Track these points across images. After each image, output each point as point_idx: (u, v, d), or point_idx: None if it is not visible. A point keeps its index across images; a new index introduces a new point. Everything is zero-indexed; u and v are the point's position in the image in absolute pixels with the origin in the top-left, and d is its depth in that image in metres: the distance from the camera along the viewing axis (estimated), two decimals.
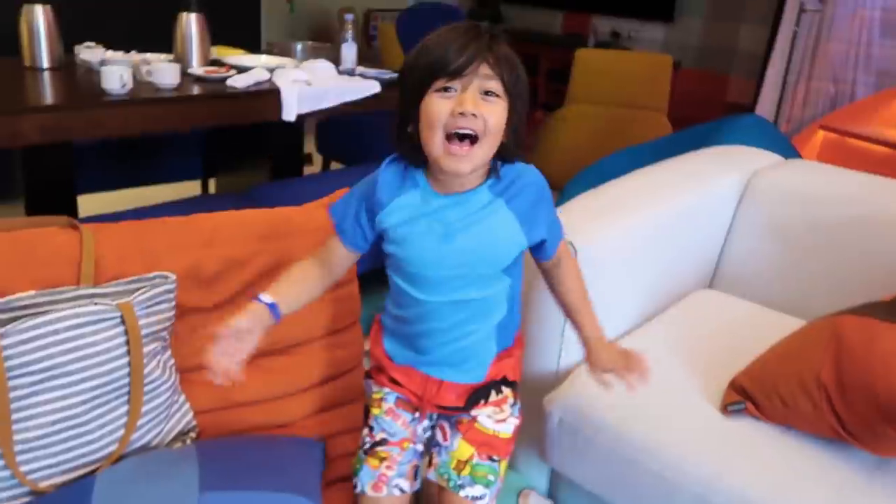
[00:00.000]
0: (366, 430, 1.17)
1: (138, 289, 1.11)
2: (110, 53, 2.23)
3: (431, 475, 1.15)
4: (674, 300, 1.64)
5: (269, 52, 2.67)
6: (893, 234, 1.53)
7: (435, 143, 0.95)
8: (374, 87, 2.37)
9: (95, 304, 1.04)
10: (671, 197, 1.59)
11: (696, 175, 1.71)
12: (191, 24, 2.25)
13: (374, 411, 1.17)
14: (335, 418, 1.33)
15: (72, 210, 2.18)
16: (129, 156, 2.67)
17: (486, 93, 0.95)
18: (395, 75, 2.55)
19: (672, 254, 1.60)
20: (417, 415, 1.16)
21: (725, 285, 1.74)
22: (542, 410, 1.35)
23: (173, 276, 1.15)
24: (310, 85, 2.23)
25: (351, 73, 2.50)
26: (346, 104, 2.33)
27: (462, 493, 1.10)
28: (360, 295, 1.41)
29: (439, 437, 1.16)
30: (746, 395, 1.22)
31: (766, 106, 4.04)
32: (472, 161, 0.96)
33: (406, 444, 1.15)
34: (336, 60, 2.54)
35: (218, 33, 2.50)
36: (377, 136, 3.12)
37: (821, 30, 3.84)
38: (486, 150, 0.97)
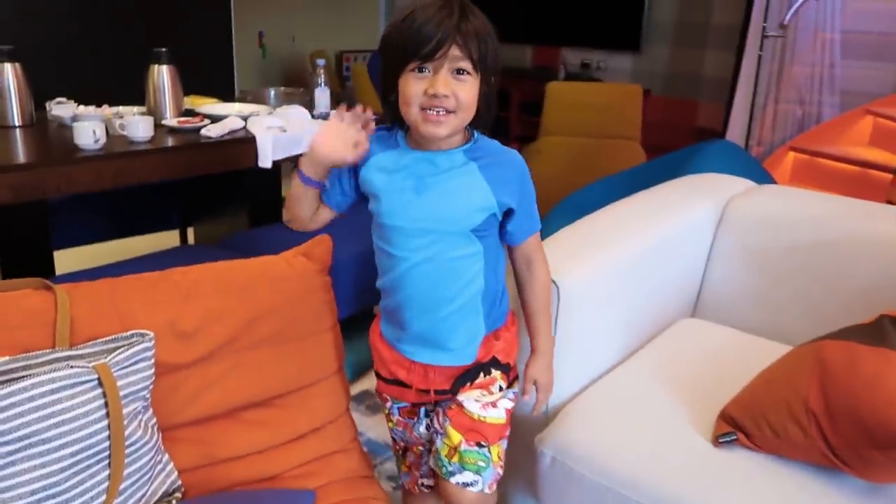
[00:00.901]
0: (392, 438, 1.35)
1: (116, 348, 1.09)
2: (82, 108, 2.22)
3: (431, 463, 1.21)
4: (658, 330, 1.64)
5: (243, 100, 2.68)
6: (866, 255, 1.55)
7: (412, 114, 1.05)
8: None
9: (71, 366, 1.02)
10: (648, 229, 1.60)
11: (671, 205, 1.73)
12: (163, 75, 2.25)
13: (389, 424, 1.33)
14: (324, 468, 1.31)
15: (48, 267, 2.16)
16: (105, 208, 2.65)
17: (458, 71, 1.03)
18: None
19: (653, 285, 1.61)
20: (416, 420, 1.27)
21: (708, 313, 1.74)
22: (534, 450, 1.33)
23: (151, 334, 1.13)
24: (284, 131, 2.23)
25: (325, 117, 2.51)
26: None
27: (453, 480, 1.15)
28: (343, 341, 1.41)
29: (436, 424, 1.22)
30: (737, 426, 1.21)
31: (736, 130, 4.10)
32: (448, 125, 1.05)
33: (418, 448, 1.31)
34: (310, 105, 2.55)
35: (191, 83, 2.51)
36: None
37: (784, 53, 3.92)
38: (460, 118, 1.06)
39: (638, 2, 4.81)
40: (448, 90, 1.02)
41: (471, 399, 1.17)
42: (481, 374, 1.19)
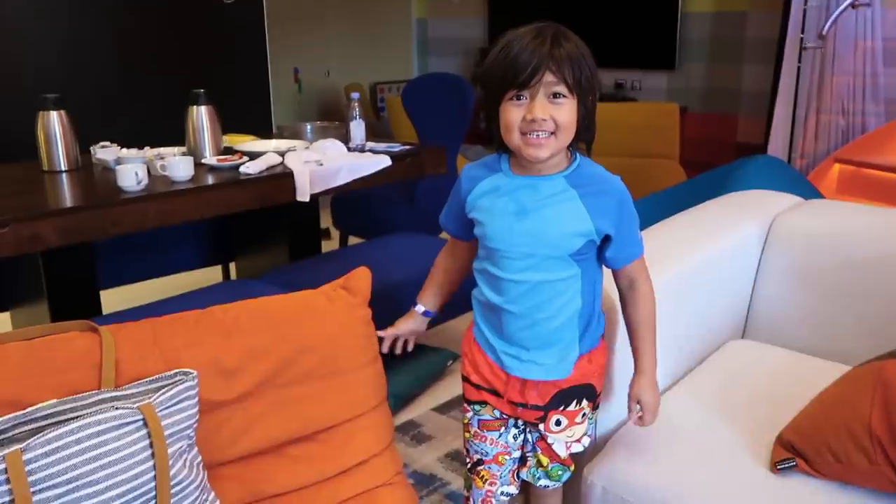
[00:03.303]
0: (465, 450, 1.37)
1: (160, 388, 1.09)
2: (125, 151, 2.27)
3: (524, 475, 1.35)
4: (707, 353, 1.60)
5: (280, 136, 2.71)
6: None
7: (514, 140, 1.11)
8: (384, 162, 2.39)
9: (116, 408, 1.02)
10: (694, 250, 1.56)
11: (716, 224, 1.68)
12: (201, 116, 2.29)
13: (466, 435, 1.36)
14: (370, 503, 1.29)
15: (95, 307, 2.19)
16: (149, 247, 2.70)
17: (555, 95, 1.07)
18: (405, 147, 2.59)
19: (701, 306, 1.57)
20: (503, 429, 1.30)
21: (758, 334, 1.69)
22: (584, 480, 1.30)
23: (194, 373, 1.13)
24: (321, 165, 2.25)
25: (361, 149, 2.53)
26: (357, 180, 2.35)
27: (540, 484, 1.35)
28: (385, 371, 1.40)
29: (528, 445, 1.33)
30: (796, 452, 1.16)
31: (777, 143, 4.02)
32: (549, 148, 1.09)
33: (501, 457, 1.33)
34: (345, 137, 2.57)
35: (230, 121, 2.56)
36: (390, 209, 3.14)
37: (824, 64, 3.84)
38: (560, 140, 1.10)
39: (671, 20, 4.79)
40: (546, 114, 1.07)
41: (560, 441, 1.27)
42: (574, 402, 1.24)
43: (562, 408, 1.24)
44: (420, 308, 1.40)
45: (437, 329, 2.46)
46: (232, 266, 3.06)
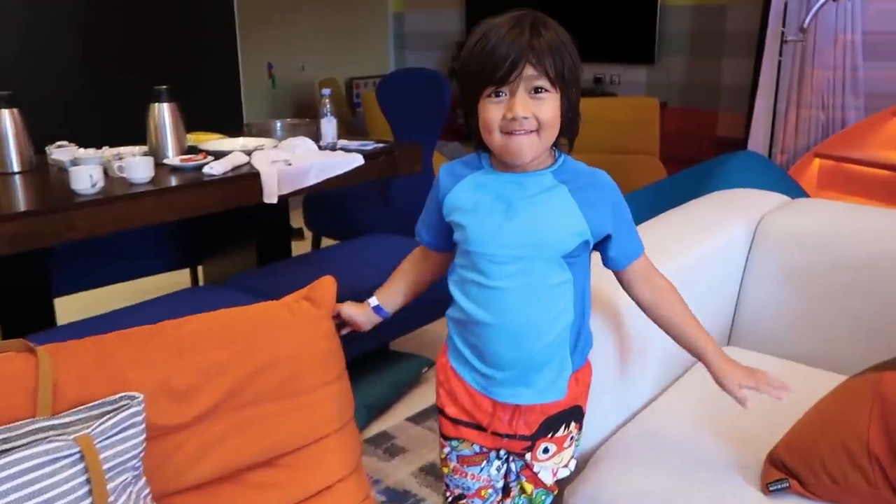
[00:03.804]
0: (444, 484, 1.27)
1: (102, 414, 1.00)
2: (82, 151, 2.16)
3: None
4: (692, 361, 1.52)
5: (248, 134, 2.61)
6: None
7: (494, 140, 1.02)
8: (356, 161, 2.30)
9: (51, 440, 0.93)
10: (679, 253, 1.49)
11: (701, 226, 1.61)
12: (163, 114, 2.19)
13: (444, 470, 1.25)
14: None
15: (48, 318, 2.08)
16: (112, 251, 2.58)
17: (536, 90, 0.99)
18: (378, 145, 2.49)
19: None
20: (485, 463, 1.20)
21: (745, 340, 1.62)
22: (564, 503, 1.22)
23: (141, 396, 1.03)
24: (289, 165, 2.16)
25: (332, 147, 2.43)
26: (328, 180, 2.25)
27: None
28: (355, 383, 1.32)
29: (512, 475, 1.22)
30: (788, 472, 1.09)
31: (758, 138, 3.98)
32: (532, 147, 1.02)
33: (484, 491, 1.22)
34: (316, 135, 2.48)
35: (199, 118, 2.45)
36: (365, 208, 3.05)
37: (804, 58, 3.81)
38: (544, 138, 1.02)
39: (650, 13, 4.73)
40: (527, 111, 0.99)
41: (546, 468, 1.17)
42: (562, 427, 1.15)
43: (550, 434, 1.15)
44: (373, 301, 1.26)
45: (411, 335, 2.38)
46: (201, 269, 2.95)
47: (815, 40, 3.74)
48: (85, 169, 1.81)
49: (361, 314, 1.26)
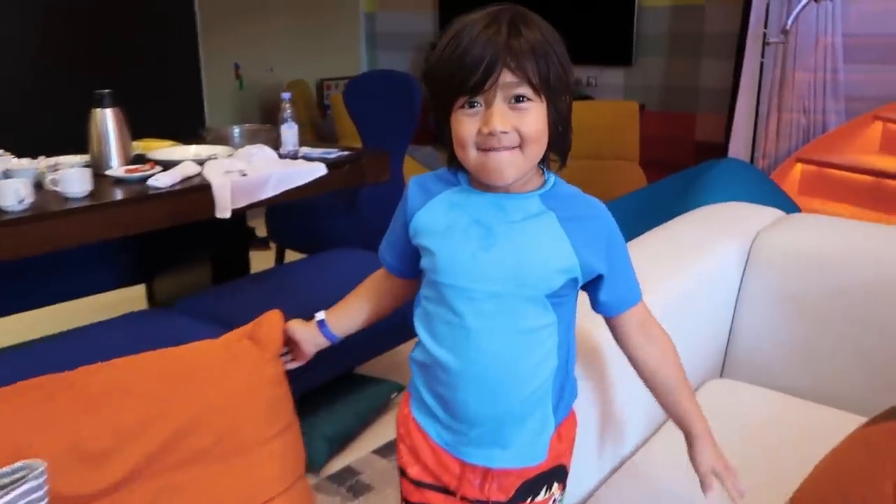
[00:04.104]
0: None
1: None
2: (16, 162, 1.97)
3: None
4: None
5: (204, 140, 2.43)
6: None
7: (470, 159, 0.87)
8: (318, 170, 2.13)
9: None
10: (670, 278, 1.35)
11: (691, 247, 1.47)
12: (105, 120, 2.00)
13: None
14: None
15: None
16: (56, 268, 2.39)
17: (517, 98, 0.84)
18: (343, 153, 2.33)
19: (679, 343, 1.35)
20: None
21: (739, 372, 1.48)
22: None
23: (42, 466, 0.87)
24: (245, 175, 1.99)
25: (293, 156, 2.27)
26: (289, 191, 2.09)
27: None
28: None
29: None
30: None
31: (739, 142, 3.89)
32: (514, 165, 0.86)
33: None
34: (277, 142, 2.31)
35: (158, 122, 2.26)
36: (331, 218, 2.88)
37: (785, 60, 3.72)
38: (530, 155, 0.87)
39: (627, 14, 4.62)
40: (506, 125, 0.83)
41: None
42: (543, 490, 0.99)
43: (529, 499, 0.99)
44: (320, 315, 1.07)
45: (377, 359, 2.23)
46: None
47: (797, 42, 3.66)
48: (11, 183, 1.63)
49: (304, 330, 1.08)
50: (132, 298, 2.83)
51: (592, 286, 0.95)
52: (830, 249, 1.43)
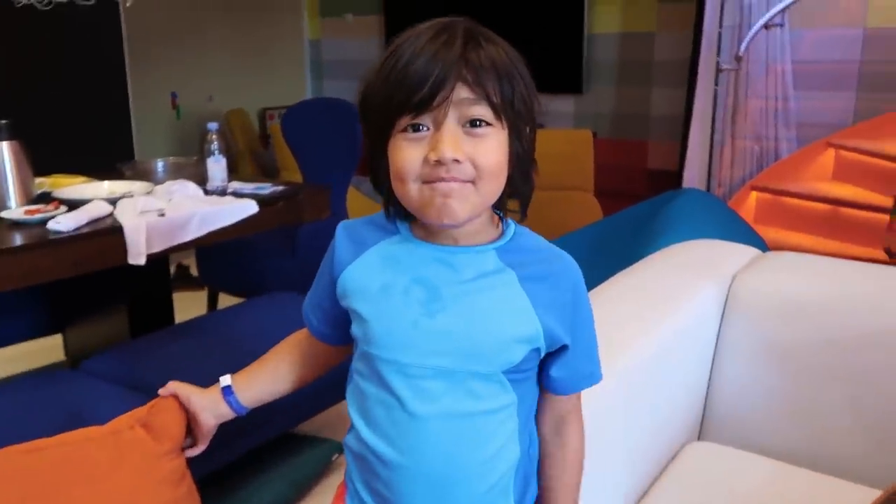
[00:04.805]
0: None
1: None
2: None
3: None
4: (662, 462, 1.21)
5: (122, 175, 2.20)
6: None
7: (410, 195, 0.71)
8: (249, 208, 1.93)
9: None
10: (644, 333, 1.18)
11: (665, 295, 1.31)
12: (2, 155, 1.77)
13: None
14: None
15: None
16: None
17: (473, 123, 0.69)
18: (277, 188, 2.13)
19: (654, 406, 1.18)
20: None
21: (720, 433, 1.32)
22: None
23: None
24: (163, 215, 1.77)
25: (221, 192, 2.06)
26: (216, 231, 1.87)
27: None
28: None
29: None
30: None
31: (694, 170, 3.83)
32: (466, 202, 0.70)
33: None
34: (203, 178, 2.10)
35: (82, 156, 2.03)
36: (267, 259, 2.66)
37: (738, 88, 3.70)
38: (485, 191, 0.71)
39: (576, 42, 4.55)
40: (459, 152, 0.68)
41: None
42: None
43: None
44: (226, 380, 0.89)
45: (317, 416, 2.01)
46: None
47: (748, 69, 3.64)
48: None
49: (201, 398, 0.88)
50: (50, 348, 2.57)
51: (549, 358, 0.78)
52: (818, 294, 1.28)
